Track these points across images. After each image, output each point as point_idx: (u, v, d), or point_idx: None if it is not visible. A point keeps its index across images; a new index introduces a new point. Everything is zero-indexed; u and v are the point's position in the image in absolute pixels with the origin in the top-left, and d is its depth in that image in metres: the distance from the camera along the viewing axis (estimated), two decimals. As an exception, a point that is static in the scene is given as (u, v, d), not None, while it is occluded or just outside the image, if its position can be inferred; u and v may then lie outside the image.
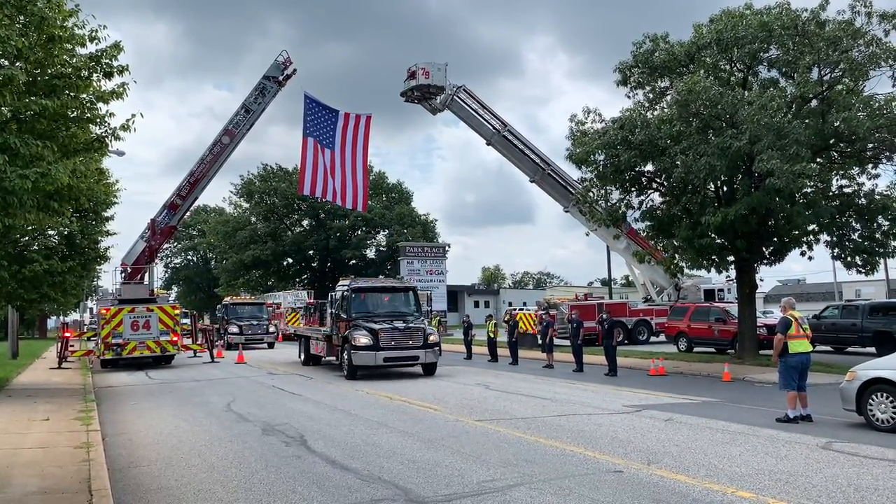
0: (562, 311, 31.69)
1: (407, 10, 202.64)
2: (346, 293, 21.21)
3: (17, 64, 8.95)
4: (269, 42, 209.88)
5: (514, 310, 33.59)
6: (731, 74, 21.24)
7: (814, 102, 19.84)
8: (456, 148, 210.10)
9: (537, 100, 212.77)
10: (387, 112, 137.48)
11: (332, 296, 22.53)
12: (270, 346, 39.71)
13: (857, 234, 21.12)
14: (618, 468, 8.62)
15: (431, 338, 20.45)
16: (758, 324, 23.33)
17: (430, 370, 20.60)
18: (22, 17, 9.06)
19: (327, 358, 22.91)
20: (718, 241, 21.09)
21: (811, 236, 21.31)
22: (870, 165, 20.56)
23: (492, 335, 27.04)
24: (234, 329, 39.01)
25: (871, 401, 11.17)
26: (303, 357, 26.14)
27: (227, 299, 45.27)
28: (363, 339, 19.60)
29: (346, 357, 20.24)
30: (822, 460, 8.95)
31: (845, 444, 9.96)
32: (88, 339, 29.70)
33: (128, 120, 10.61)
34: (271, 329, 40.57)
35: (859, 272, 21.66)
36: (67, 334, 29.27)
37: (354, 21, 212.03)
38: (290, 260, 64.94)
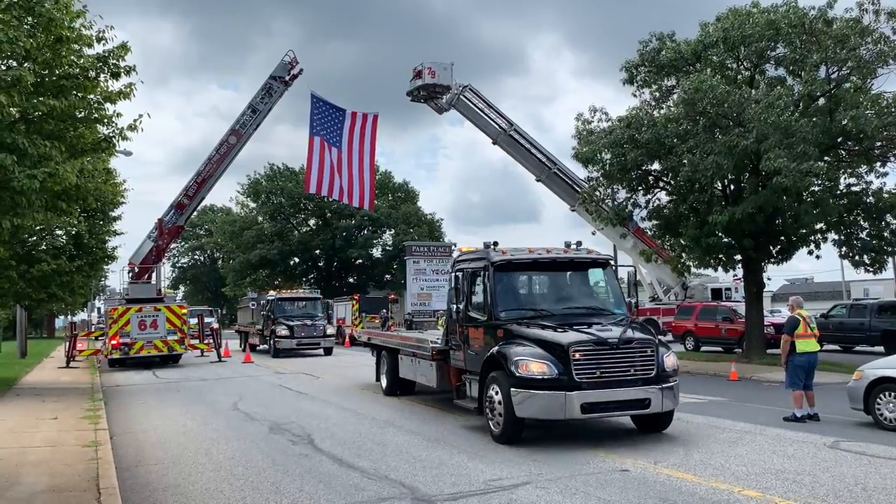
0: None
1: (411, 9, 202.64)
2: (480, 271, 11.59)
3: (26, 65, 9.00)
4: (274, 41, 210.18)
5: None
6: (737, 73, 21.20)
7: (821, 101, 19.77)
8: (461, 147, 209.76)
9: (542, 98, 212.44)
10: (392, 111, 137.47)
11: (457, 276, 12.08)
12: (328, 352, 30.94)
13: (865, 233, 21.04)
14: (624, 467, 8.62)
15: (668, 360, 10.39)
16: (765, 323, 23.26)
17: (662, 423, 10.79)
18: (30, 19, 9.11)
19: (436, 386, 13.20)
20: (725, 239, 21.05)
21: (819, 235, 21.24)
22: (878, 164, 20.49)
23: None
24: (282, 331, 30.53)
25: (878, 400, 11.12)
26: (384, 381, 16.15)
27: (273, 293, 34.81)
28: (533, 364, 9.79)
29: (494, 397, 10.32)
30: (829, 459, 8.92)
31: (853, 443, 9.93)
32: (96, 338, 29.83)
33: (135, 120, 10.66)
34: (329, 331, 31.86)
35: (867, 271, 21.60)
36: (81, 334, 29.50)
37: (358, 20, 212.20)
38: (297, 259, 65.03)
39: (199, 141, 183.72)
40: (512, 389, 9.91)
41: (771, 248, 21.80)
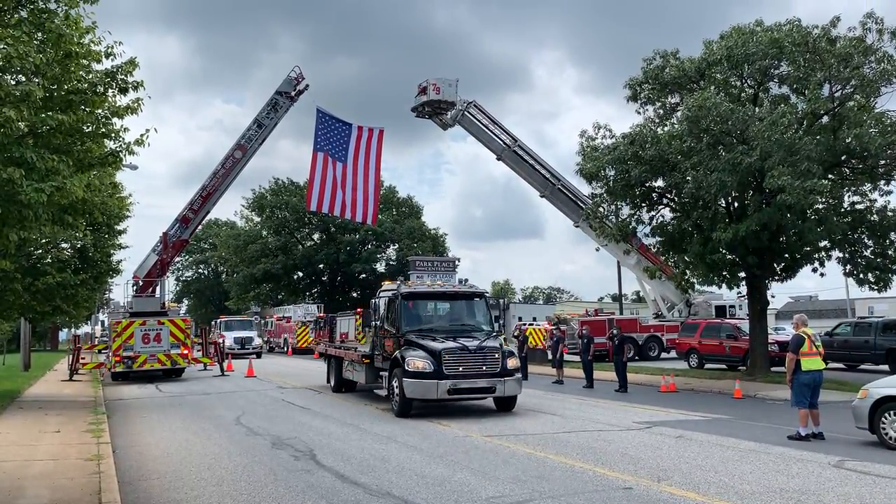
0: (572, 326, 31.60)
1: (415, 25, 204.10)
2: None
3: (35, 80, 9.08)
4: (279, 57, 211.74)
5: (524, 325, 33.50)
6: (741, 90, 21.28)
7: (825, 119, 19.83)
8: (464, 162, 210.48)
9: (545, 114, 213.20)
10: (395, 127, 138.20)
11: None
12: (508, 405, 15.82)
13: (869, 251, 21.02)
14: (627, 485, 8.58)
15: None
16: (769, 340, 23.19)
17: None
18: (40, 34, 9.20)
19: None
20: (729, 256, 21.04)
21: (823, 253, 21.22)
22: (882, 182, 20.52)
23: (501, 350, 26.92)
24: (418, 360, 14.85)
25: (883, 419, 11.07)
26: None
27: (391, 285, 18.70)
28: None
29: None
30: (833, 479, 8.88)
31: (857, 462, 9.87)
32: (99, 351, 29.87)
33: (142, 135, 10.71)
34: (510, 363, 15.44)
35: (872, 289, 21.53)
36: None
37: (363, 36, 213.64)
38: (301, 274, 65.05)
39: (203, 155, 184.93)
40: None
41: (775, 265, 21.77)
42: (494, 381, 14.74)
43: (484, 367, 14.64)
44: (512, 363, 15.07)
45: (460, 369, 14.45)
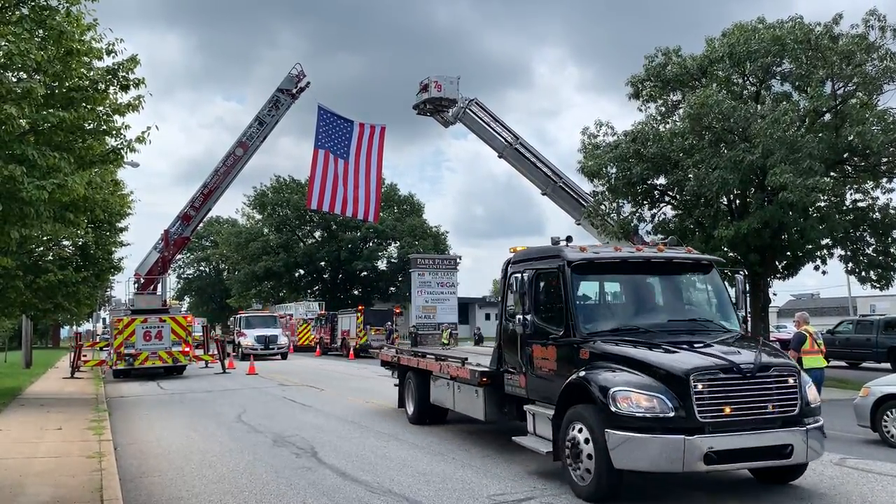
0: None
1: (416, 23, 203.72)
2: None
3: (36, 77, 9.08)
4: (280, 53, 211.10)
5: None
6: (743, 88, 21.27)
7: (827, 116, 19.82)
8: (465, 160, 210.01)
9: (546, 112, 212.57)
10: (396, 124, 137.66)
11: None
12: (788, 475, 8.27)
13: (871, 249, 21.03)
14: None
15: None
16: (771, 338, 23.16)
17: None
18: (41, 31, 9.19)
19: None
20: (731, 254, 21.02)
21: (825, 250, 21.22)
22: (884, 179, 20.52)
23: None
24: (637, 394, 7.26)
25: (885, 417, 11.06)
26: None
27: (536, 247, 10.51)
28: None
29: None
30: (835, 477, 8.86)
31: (859, 460, 9.86)
32: (101, 349, 29.92)
33: (143, 132, 10.72)
34: (811, 397, 7.79)
35: (874, 287, 21.55)
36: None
37: (364, 33, 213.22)
38: (302, 271, 65.13)
39: (204, 153, 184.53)
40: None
41: (777, 263, 21.76)
42: (792, 434, 7.41)
43: (770, 406, 7.40)
44: (813, 394, 7.85)
45: (726, 410, 7.23)
